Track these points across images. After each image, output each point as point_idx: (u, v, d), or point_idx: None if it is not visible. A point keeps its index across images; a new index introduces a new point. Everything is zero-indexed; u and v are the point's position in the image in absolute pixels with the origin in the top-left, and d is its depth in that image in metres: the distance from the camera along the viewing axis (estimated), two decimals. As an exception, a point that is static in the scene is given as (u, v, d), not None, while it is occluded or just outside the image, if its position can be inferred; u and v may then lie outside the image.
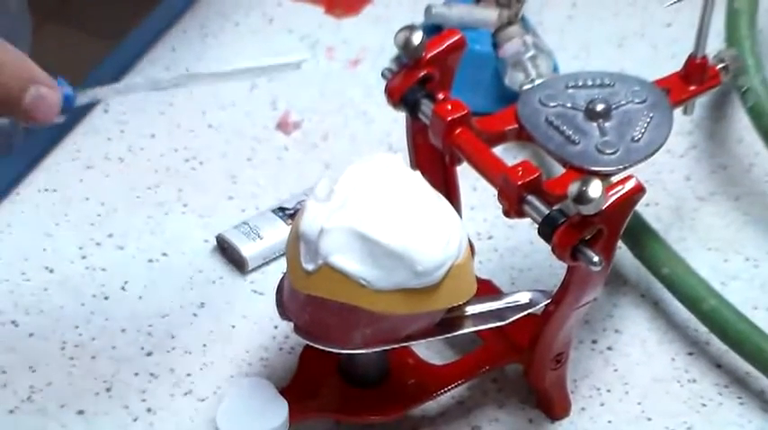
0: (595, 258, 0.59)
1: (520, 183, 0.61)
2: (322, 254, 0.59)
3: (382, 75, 0.68)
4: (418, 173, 0.63)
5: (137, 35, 0.96)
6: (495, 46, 0.89)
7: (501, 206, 0.63)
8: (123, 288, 0.76)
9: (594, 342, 0.75)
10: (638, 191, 0.60)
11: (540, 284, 0.75)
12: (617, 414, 0.71)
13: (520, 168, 0.61)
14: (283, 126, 0.88)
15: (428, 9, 0.89)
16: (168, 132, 0.87)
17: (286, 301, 0.63)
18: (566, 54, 0.95)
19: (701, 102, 0.91)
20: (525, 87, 0.81)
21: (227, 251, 0.78)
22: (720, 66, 0.71)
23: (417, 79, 0.67)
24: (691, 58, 0.70)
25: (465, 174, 0.70)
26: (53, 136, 0.85)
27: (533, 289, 0.66)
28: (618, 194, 0.59)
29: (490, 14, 0.89)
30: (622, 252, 0.79)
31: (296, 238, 0.61)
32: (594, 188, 0.57)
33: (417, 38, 0.66)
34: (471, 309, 0.64)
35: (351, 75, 0.93)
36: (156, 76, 0.79)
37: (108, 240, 0.79)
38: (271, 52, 0.94)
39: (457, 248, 0.60)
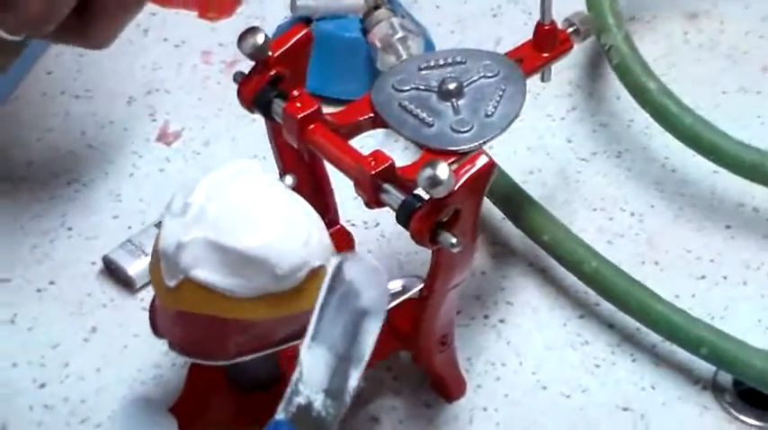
0: (453, 240, 0.59)
1: (373, 173, 0.61)
2: (182, 268, 0.59)
3: (234, 79, 0.68)
4: (273, 175, 0.63)
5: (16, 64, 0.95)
6: (365, 31, 0.89)
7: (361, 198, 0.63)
8: (12, 321, 0.75)
9: (486, 317, 0.75)
10: (490, 166, 0.60)
11: (428, 267, 0.75)
12: (512, 387, 0.72)
13: (372, 158, 0.61)
14: (163, 137, 0.88)
15: (293, 2, 0.89)
16: (48, 158, 0.86)
17: (158, 320, 0.63)
18: (442, 29, 0.95)
19: (579, 62, 0.92)
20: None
21: (114, 271, 0.77)
22: (570, 30, 0.71)
23: (268, 80, 0.66)
24: (539, 26, 0.70)
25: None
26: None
27: (406, 275, 0.66)
28: (469, 173, 0.59)
29: (356, 0, 0.89)
30: (509, 223, 0.79)
31: (156, 256, 0.61)
32: (442, 170, 0.57)
33: (260, 38, 0.66)
34: (346, 305, 0.63)
35: (228, 77, 0.92)
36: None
37: (-7, 275, 0.78)
38: (148, 63, 0.94)
39: (318, 248, 0.60)
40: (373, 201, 0.62)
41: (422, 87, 0.67)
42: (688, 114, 0.78)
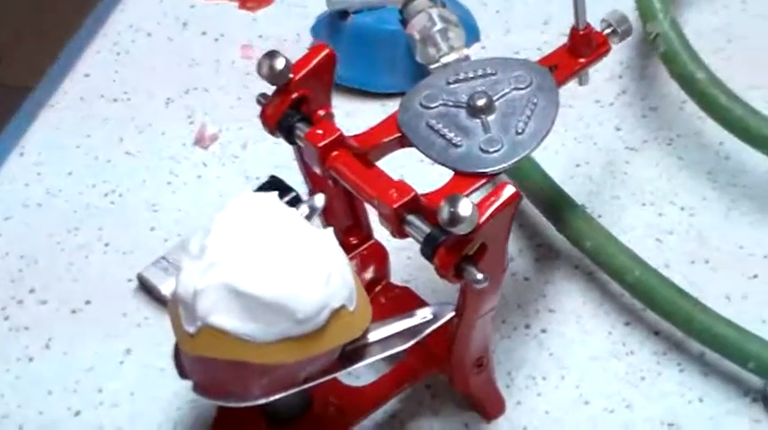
0: (479, 276, 0.56)
1: (395, 206, 0.58)
2: (200, 315, 0.57)
3: (257, 101, 0.66)
4: (294, 210, 0.61)
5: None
6: (404, 22, 0.86)
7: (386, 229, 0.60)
8: (47, 346, 0.74)
9: (528, 326, 0.73)
10: (515, 199, 0.57)
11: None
12: (554, 402, 0.69)
13: (393, 190, 0.59)
14: (200, 141, 0.86)
15: (327, -3, 0.86)
16: (86, 167, 0.85)
17: (183, 361, 0.61)
18: (488, 8, 0.93)
19: (630, 41, 0.88)
20: (432, 67, 0.79)
21: (149, 289, 0.76)
22: (608, 31, 0.68)
23: (290, 103, 0.64)
24: (573, 31, 0.67)
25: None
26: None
27: (436, 302, 0.64)
28: (494, 206, 0.56)
29: (393, -10, 0.86)
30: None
31: (175, 301, 0.59)
32: (464, 207, 0.55)
33: (280, 63, 0.63)
34: (374, 336, 0.61)
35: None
36: None
37: (30, 296, 0.77)
38: (186, 60, 0.92)
39: (338, 288, 0.58)
40: (398, 232, 0.59)
41: (450, 103, 0.64)
42: (738, 105, 0.74)
